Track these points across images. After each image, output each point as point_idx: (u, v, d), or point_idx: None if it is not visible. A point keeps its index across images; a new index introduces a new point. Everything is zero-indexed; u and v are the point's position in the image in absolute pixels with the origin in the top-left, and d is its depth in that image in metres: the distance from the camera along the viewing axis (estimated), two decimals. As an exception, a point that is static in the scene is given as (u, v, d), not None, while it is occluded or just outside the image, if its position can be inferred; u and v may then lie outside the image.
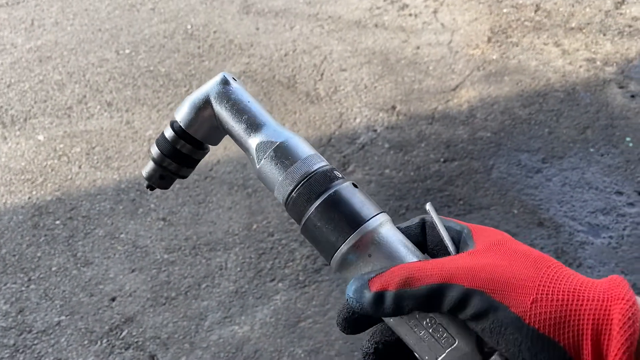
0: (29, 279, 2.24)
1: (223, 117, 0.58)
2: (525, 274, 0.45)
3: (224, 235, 2.36)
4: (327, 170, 0.54)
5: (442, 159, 2.63)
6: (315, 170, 0.54)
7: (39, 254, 2.33)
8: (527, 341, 0.43)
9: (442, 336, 0.49)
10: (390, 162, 2.64)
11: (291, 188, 0.54)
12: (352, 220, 0.51)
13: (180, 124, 0.60)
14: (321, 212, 0.52)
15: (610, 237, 2.27)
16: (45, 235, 2.40)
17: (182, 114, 0.60)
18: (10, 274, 2.26)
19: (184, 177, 0.65)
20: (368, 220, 0.52)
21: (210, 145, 0.63)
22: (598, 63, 3.09)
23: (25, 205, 2.54)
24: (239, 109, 0.58)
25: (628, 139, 2.67)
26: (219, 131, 0.60)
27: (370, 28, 3.46)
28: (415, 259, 0.51)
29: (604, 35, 3.27)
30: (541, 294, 0.44)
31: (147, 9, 3.74)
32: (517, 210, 2.39)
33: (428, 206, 0.54)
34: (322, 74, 3.15)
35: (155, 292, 2.18)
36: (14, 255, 2.33)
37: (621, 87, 2.93)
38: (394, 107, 2.93)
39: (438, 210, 2.40)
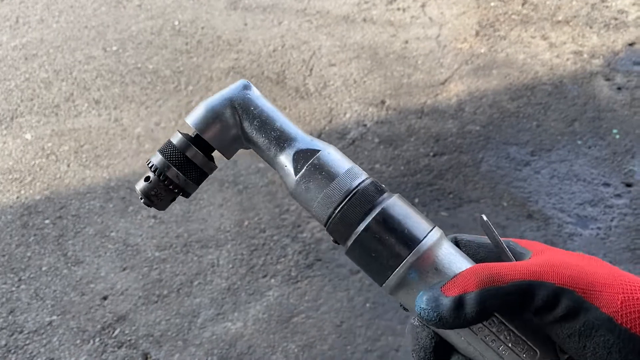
0: (19, 279, 2.23)
1: (249, 127, 0.52)
2: (604, 273, 0.44)
3: (216, 232, 2.36)
4: (372, 184, 0.50)
5: (431, 153, 2.65)
6: (357, 186, 0.49)
7: (28, 254, 2.31)
8: (618, 342, 0.41)
9: (523, 349, 0.45)
10: (380, 156, 2.65)
11: (331, 210, 0.49)
12: (411, 236, 0.47)
13: (194, 128, 0.53)
14: (373, 230, 0.47)
15: (599, 228, 2.30)
16: (35, 235, 2.39)
17: (196, 118, 0.53)
18: (0, 275, 2.25)
19: (187, 194, 0.55)
20: (427, 234, 0.48)
21: (225, 158, 0.56)
22: (585, 56, 3.11)
23: (13, 204, 2.52)
24: (268, 117, 0.52)
25: (615, 131, 2.70)
26: (238, 142, 0.54)
27: (359, 23, 3.46)
28: None
29: (591, 28, 3.29)
30: (629, 293, 0.42)
31: (134, 5, 3.71)
32: (507, 203, 2.41)
33: (485, 217, 0.50)
34: (311, 70, 3.15)
35: (147, 290, 2.17)
36: (4, 256, 2.31)
37: (607, 80, 2.96)
38: (383, 102, 2.93)
39: (427, 205, 2.42)
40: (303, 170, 0.50)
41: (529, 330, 0.45)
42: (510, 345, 0.45)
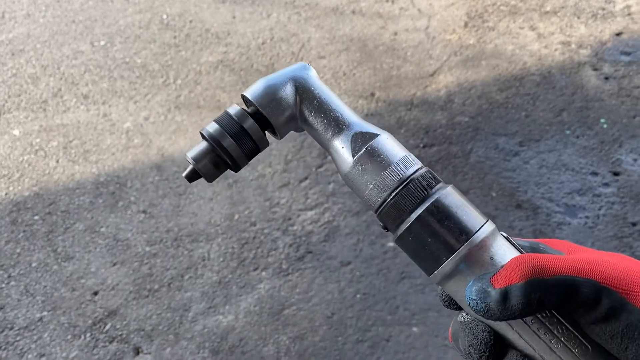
0: (9, 276, 2.22)
1: (307, 107, 0.52)
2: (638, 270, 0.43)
3: (206, 226, 2.36)
4: (425, 174, 0.49)
5: (421, 145, 2.65)
6: (413, 173, 0.49)
7: (18, 250, 2.30)
8: None
9: (575, 344, 0.44)
10: (370, 148, 2.65)
11: (387, 194, 0.49)
12: (467, 225, 0.47)
13: (253, 101, 0.52)
14: (425, 221, 0.47)
15: (587, 217, 2.32)
16: (24, 231, 2.38)
17: (256, 92, 0.52)
18: (-10, 271, 2.24)
19: (237, 168, 0.54)
20: (482, 226, 0.47)
21: (274, 137, 0.55)
22: (573, 46, 3.13)
23: (2, 201, 2.51)
24: (327, 99, 0.52)
25: (602, 120, 2.72)
26: (293, 121, 0.53)
27: (348, 15, 3.45)
28: None
29: (578, 18, 3.30)
30: None
31: (121, -1, 3.68)
32: (496, 193, 2.42)
33: (505, 235, 0.49)
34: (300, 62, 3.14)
35: (138, 284, 2.17)
36: (-7, 252, 2.30)
37: (595, 70, 2.98)
38: (373, 94, 2.94)
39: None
40: (361, 152, 0.50)
41: (577, 326, 0.45)
42: (563, 339, 0.44)
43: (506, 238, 0.49)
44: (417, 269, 2.16)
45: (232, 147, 0.52)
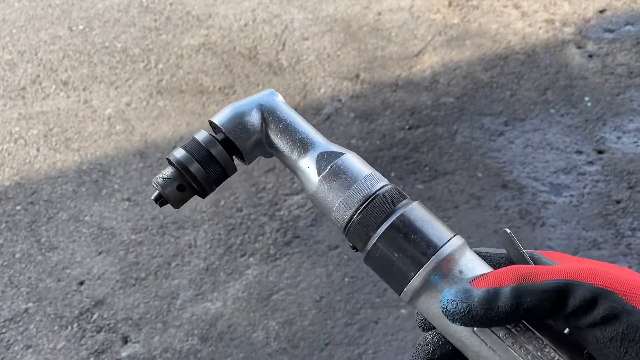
0: (-8, 268, 2.19)
1: (273, 131, 0.54)
2: (637, 278, 0.42)
3: (192, 213, 2.34)
4: (390, 190, 0.49)
5: (407, 126, 2.64)
6: (378, 190, 0.49)
7: (0, 241, 2.27)
8: None
9: (552, 358, 0.43)
10: (356, 131, 2.64)
11: (352, 211, 0.49)
12: (433, 239, 0.46)
13: (221, 127, 0.53)
14: (390, 236, 0.47)
15: (572, 195, 2.33)
16: (6, 222, 2.34)
17: (223, 118, 0.53)
18: (-28, 263, 2.20)
19: (205, 193, 0.55)
20: (449, 239, 0.47)
21: (242, 163, 0.57)
22: (557, 24, 3.12)
23: (-18, 191, 2.46)
24: (292, 123, 0.54)
25: (586, 98, 2.72)
26: (260, 146, 0.55)
27: (331, -5, 3.40)
28: None
29: (562, -5, 3.29)
30: None
31: (99, -19, 3.59)
32: (482, 174, 2.43)
33: (509, 230, 0.48)
34: (283, 44, 3.10)
35: (125, 273, 2.15)
36: (-25, 244, 2.27)
37: (579, 48, 2.98)
38: (357, 76, 2.91)
39: (404, 178, 2.42)
40: (326, 171, 0.51)
41: (557, 340, 0.44)
42: (539, 353, 0.43)
43: (478, 254, 0.49)
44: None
45: (199, 173, 0.53)
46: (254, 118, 0.54)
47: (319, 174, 0.51)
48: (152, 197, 0.54)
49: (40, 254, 2.22)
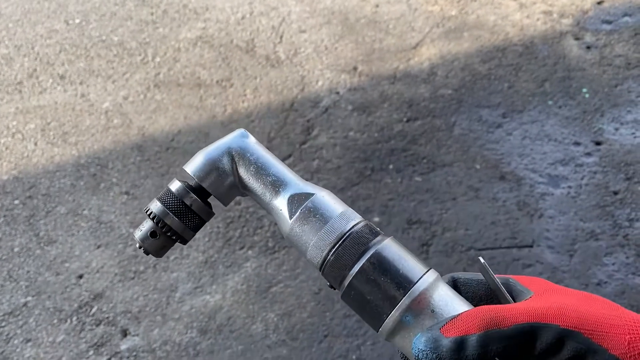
0: (-9, 262, 2.19)
1: (245, 174, 0.54)
2: (608, 313, 0.42)
3: (190, 206, 2.33)
4: (365, 227, 0.50)
5: (405, 119, 2.64)
6: (350, 229, 0.50)
7: (-1, 236, 2.27)
8: None
9: None
10: (354, 124, 2.64)
11: (325, 253, 0.50)
12: (405, 278, 0.47)
13: (193, 176, 0.55)
14: (366, 273, 0.48)
15: (569, 187, 2.34)
16: (5, 216, 2.34)
17: (195, 167, 0.55)
18: (-29, 258, 2.20)
19: (185, 241, 0.57)
20: (422, 277, 0.48)
21: (222, 205, 0.58)
22: (555, 15, 3.11)
23: (-20, 186, 2.46)
24: (264, 164, 0.54)
25: (584, 90, 2.72)
26: (235, 189, 0.56)
27: (328, -13, 3.39)
28: None
29: (560, -13, 3.28)
30: (634, 334, 0.41)
31: (95, -26, 3.57)
32: (480, 166, 2.43)
33: (482, 260, 0.49)
34: (281, 37, 3.09)
35: (123, 266, 2.15)
36: (-27, 238, 2.27)
37: (577, 39, 2.97)
38: (355, 68, 2.91)
39: (402, 170, 2.43)
40: (297, 213, 0.51)
41: None
42: None
43: (455, 281, 0.50)
44: (401, 242, 2.17)
45: (176, 224, 0.54)
46: (225, 163, 0.55)
47: (290, 217, 0.52)
48: (138, 246, 0.56)
49: (39, 248, 2.22)
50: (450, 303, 0.47)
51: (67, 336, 1.98)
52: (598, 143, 2.49)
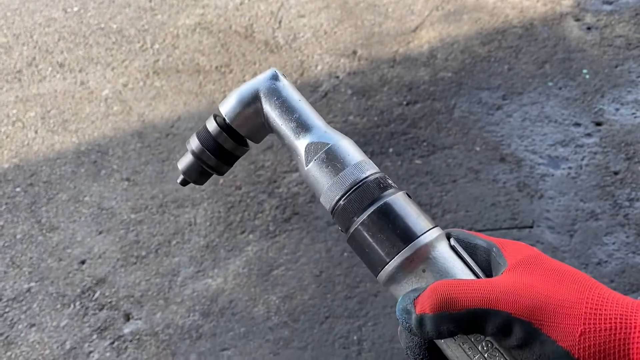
0: (-6, 249, 2.20)
1: (271, 115, 0.56)
2: (570, 298, 0.42)
3: (191, 192, 2.34)
4: (378, 179, 0.52)
5: (404, 102, 2.64)
6: (366, 177, 0.52)
7: (1, 223, 2.28)
8: None
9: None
10: (354, 108, 2.63)
11: (339, 195, 0.51)
12: (404, 234, 0.49)
13: (225, 118, 0.58)
14: (370, 223, 0.49)
15: (570, 167, 2.33)
16: (7, 204, 2.35)
17: (227, 107, 0.58)
18: (-26, 245, 2.22)
19: (221, 173, 0.62)
20: (421, 235, 0.49)
21: (253, 143, 0.61)
22: (555, -3, 3.09)
23: (-18, 174, 2.47)
24: (289, 107, 0.56)
25: (584, 71, 2.71)
26: (264, 129, 0.58)
27: (327, -28, 3.37)
28: (472, 277, 0.48)
29: (560, -32, 3.26)
30: (589, 324, 0.41)
31: (92, -38, 3.56)
32: (480, 148, 2.43)
33: (452, 242, 0.50)
34: (280, 22, 3.08)
35: (125, 252, 2.17)
36: (-24, 226, 2.28)
37: (577, 20, 2.95)
38: (355, 52, 2.90)
39: (402, 154, 2.42)
40: (320, 154, 0.53)
41: (503, 347, 0.46)
42: (486, 355, 0.46)
43: (458, 242, 0.51)
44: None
45: (211, 160, 0.60)
46: (254, 104, 0.57)
47: (313, 158, 0.54)
48: (178, 181, 0.63)
49: (41, 235, 2.23)
50: (445, 266, 0.48)
51: (70, 321, 1.99)
52: (598, 124, 2.48)
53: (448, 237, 0.51)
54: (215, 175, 0.62)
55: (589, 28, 2.91)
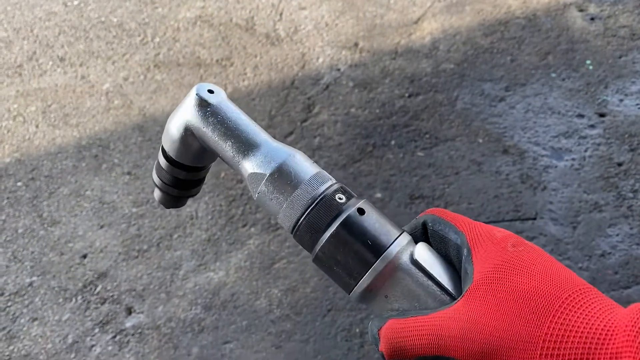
0: (-4, 243, 2.20)
1: (208, 144, 0.53)
2: (526, 334, 0.38)
3: (192, 185, 2.33)
4: (335, 191, 0.49)
5: (406, 94, 2.62)
6: (323, 193, 0.48)
7: (3, 217, 2.28)
8: None
9: None
10: (355, 100, 2.62)
11: (297, 215, 0.48)
12: (370, 250, 0.46)
13: (171, 156, 0.56)
14: (333, 242, 0.47)
15: (573, 159, 2.32)
16: (8, 198, 2.35)
17: (166, 142, 0.55)
18: (-24, 239, 2.22)
19: (193, 195, 0.62)
20: (389, 246, 0.46)
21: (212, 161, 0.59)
22: (558, -13, 3.06)
23: (-17, 169, 2.46)
24: (221, 134, 0.51)
25: (588, 62, 2.69)
26: (209, 156, 0.56)
27: (328, -37, 3.34)
28: (431, 302, 0.45)
29: (564, -42, 3.23)
30: None
31: (92, -44, 3.54)
32: (482, 140, 2.41)
33: (416, 257, 0.47)
34: (281, 14, 3.06)
35: (127, 246, 2.16)
36: (-22, 221, 2.28)
37: (581, 10, 2.93)
38: (356, 44, 2.88)
39: (404, 146, 2.41)
40: (268, 174, 0.49)
41: None
42: None
43: (432, 235, 0.49)
44: (404, 217, 2.17)
45: (176, 192, 0.59)
46: (187, 135, 0.53)
47: (262, 178, 0.50)
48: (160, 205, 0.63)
49: (42, 229, 2.23)
50: (408, 289, 0.47)
51: (72, 314, 1.99)
52: (602, 115, 2.46)
53: (416, 237, 0.49)
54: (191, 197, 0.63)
55: (592, 18, 2.88)
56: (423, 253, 0.47)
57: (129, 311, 1.99)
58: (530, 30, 2.85)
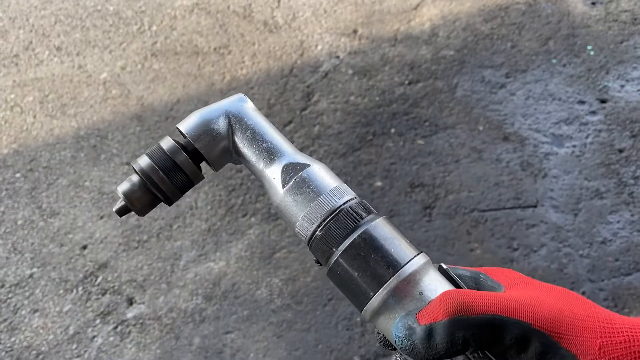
0: (-4, 235, 2.20)
1: (240, 138, 0.52)
2: (583, 313, 0.41)
3: (192, 175, 2.32)
4: (355, 205, 0.49)
5: (406, 82, 2.60)
6: (342, 205, 0.48)
7: (2, 209, 2.27)
8: None
9: None
10: (355, 88, 2.60)
11: (315, 226, 0.48)
12: (392, 261, 0.46)
13: (186, 135, 0.52)
14: (351, 254, 0.46)
15: (574, 146, 2.31)
16: (7, 189, 2.34)
17: (189, 125, 0.52)
18: (-25, 231, 2.21)
19: (170, 202, 0.54)
20: (410, 261, 0.46)
21: (213, 171, 0.56)
22: (559, -29, 3.03)
23: (-19, 160, 2.45)
24: (260, 130, 0.52)
25: (589, 47, 2.66)
26: (227, 154, 0.53)
27: (326, -51, 3.30)
28: None
29: (565, -59, 3.19)
30: (607, 337, 0.40)
31: (87, -57, 3.49)
32: (483, 127, 2.40)
33: (445, 266, 0.48)
34: (279, 1, 3.03)
35: (127, 236, 2.16)
36: (-23, 212, 2.27)
37: (582, -5, 2.90)
38: (355, 31, 2.85)
39: (404, 134, 2.39)
40: (291, 182, 0.50)
41: None
42: None
43: (446, 270, 0.48)
44: (404, 206, 2.16)
45: (164, 182, 0.52)
46: (221, 126, 0.52)
47: (283, 186, 0.50)
48: (115, 209, 0.53)
49: (42, 220, 2.23)
50: (440, 287, 0.46)
51: (73, 306, 1.99)
52: (603, 101, 2.45)
53: (441, 269, 0.49)
54: (165, 203, 0.54)
55: (593, 3, 2.85)
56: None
57: (130, 302, 1.99)
58: (531, 16, 2.83)
